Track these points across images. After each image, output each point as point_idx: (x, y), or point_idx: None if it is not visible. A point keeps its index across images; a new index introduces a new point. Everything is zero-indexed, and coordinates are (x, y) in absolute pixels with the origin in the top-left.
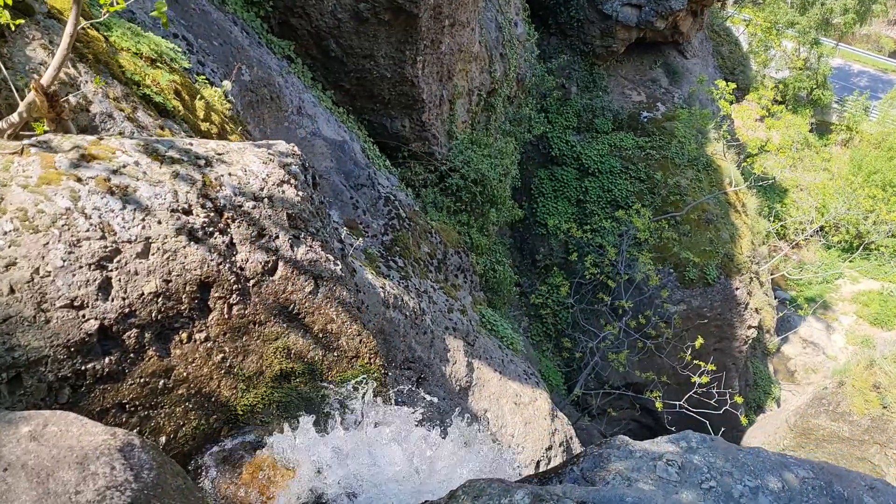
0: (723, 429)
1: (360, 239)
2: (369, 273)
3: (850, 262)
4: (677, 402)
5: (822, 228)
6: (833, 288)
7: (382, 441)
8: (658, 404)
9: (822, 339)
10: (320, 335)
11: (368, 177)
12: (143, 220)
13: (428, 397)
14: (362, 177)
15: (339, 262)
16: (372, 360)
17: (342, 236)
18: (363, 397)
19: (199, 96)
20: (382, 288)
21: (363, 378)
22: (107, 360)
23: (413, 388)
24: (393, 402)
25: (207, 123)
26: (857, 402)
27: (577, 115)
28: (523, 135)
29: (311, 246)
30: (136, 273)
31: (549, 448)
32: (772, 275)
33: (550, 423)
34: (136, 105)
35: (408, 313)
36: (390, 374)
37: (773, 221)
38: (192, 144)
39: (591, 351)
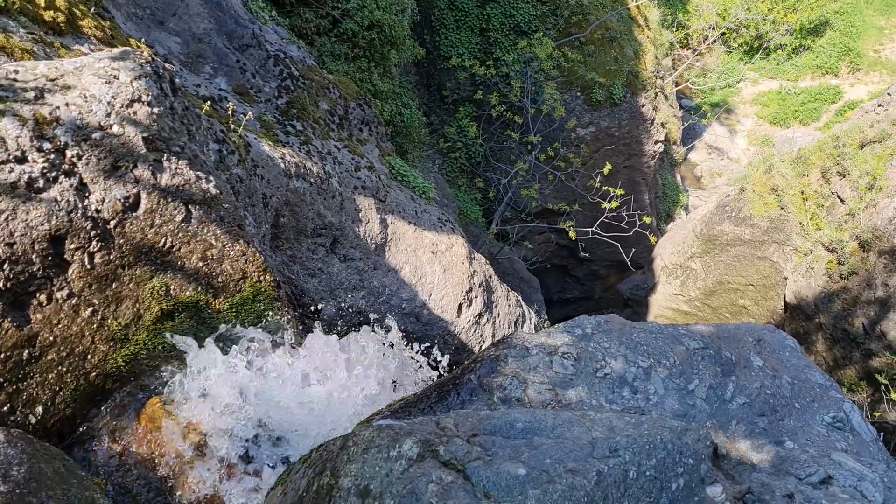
0: (633, 249)
1: (250, 112)
2: (266, 144)
3: (752, 64)
4: (589, 230)
5: (723, 34)
6: (735, 92)
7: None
8: (571, 234)
9: (726, 143)
10: (200, 264)
11: (253, 35)
12: None
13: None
14: (246, 36)
15: (212, 178)
16: (261, 278)
17: (230, 105)
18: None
19: None
20: (282, 158)
21: (257, 303)
22: None
23: (326, 254)
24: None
25: (51, 11)
26: (757, 206)
27: None
28: None
29: (176, 168)
30: None
31: (470, 290)
32: (677, 85)
33: (469, 266)
34: None
35: (312, 180)
36: (301, 251)
37: (677, 31)
38: (16, 72)
39: (503, 187)
